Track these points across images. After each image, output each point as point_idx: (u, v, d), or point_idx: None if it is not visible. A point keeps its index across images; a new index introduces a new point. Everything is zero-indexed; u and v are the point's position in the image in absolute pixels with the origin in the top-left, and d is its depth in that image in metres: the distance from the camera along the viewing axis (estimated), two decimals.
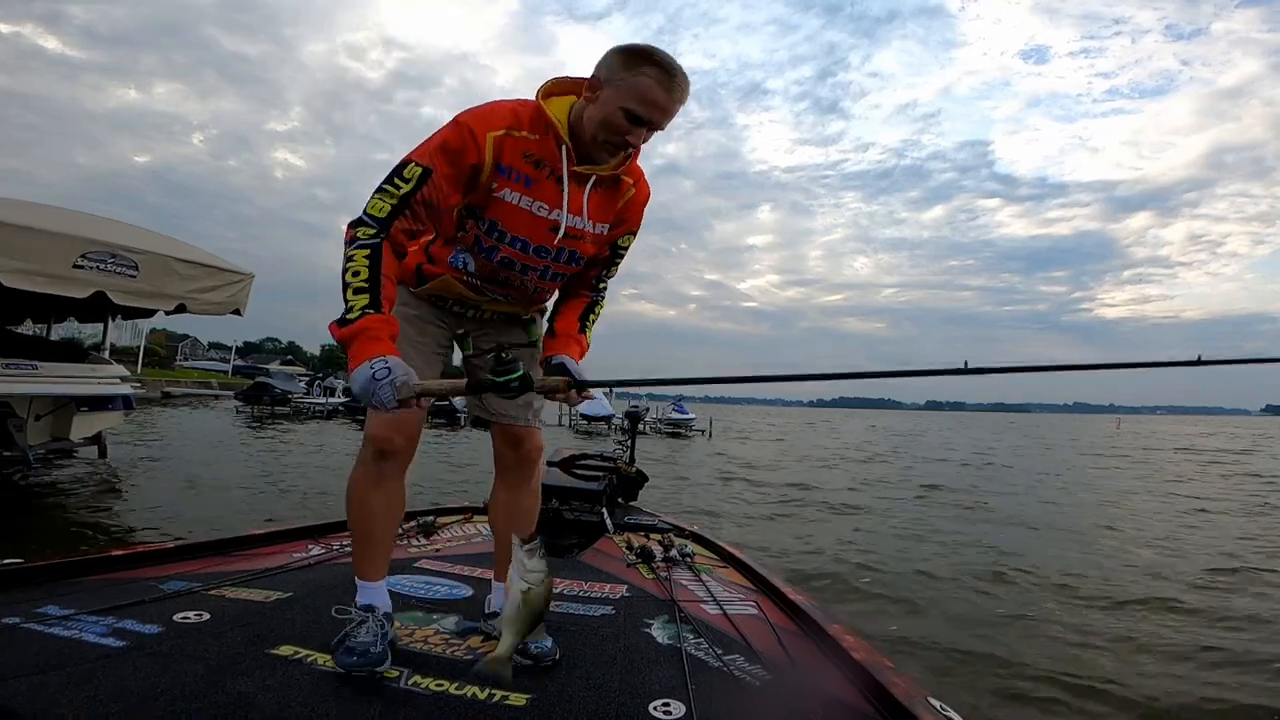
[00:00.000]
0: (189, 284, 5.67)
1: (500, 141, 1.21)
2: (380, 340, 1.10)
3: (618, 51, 1.21)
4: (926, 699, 1.18)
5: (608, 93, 1.20)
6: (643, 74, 1.17)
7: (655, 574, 2.02)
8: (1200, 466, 14.82)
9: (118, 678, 1.10)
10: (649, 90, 1.18)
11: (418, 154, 1.20)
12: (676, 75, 1.19)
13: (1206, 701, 2.64)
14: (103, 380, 6.37)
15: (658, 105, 1.19)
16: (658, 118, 1.21)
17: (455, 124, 1.21)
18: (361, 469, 1.32)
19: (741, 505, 7.32)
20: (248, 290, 6.23)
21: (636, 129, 1.21)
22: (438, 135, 1.22)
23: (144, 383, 28.30)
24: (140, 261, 5.25)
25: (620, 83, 1.18)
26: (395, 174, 1.19)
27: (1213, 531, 6.53)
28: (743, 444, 19.12)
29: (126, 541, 4.41)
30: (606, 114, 1.20)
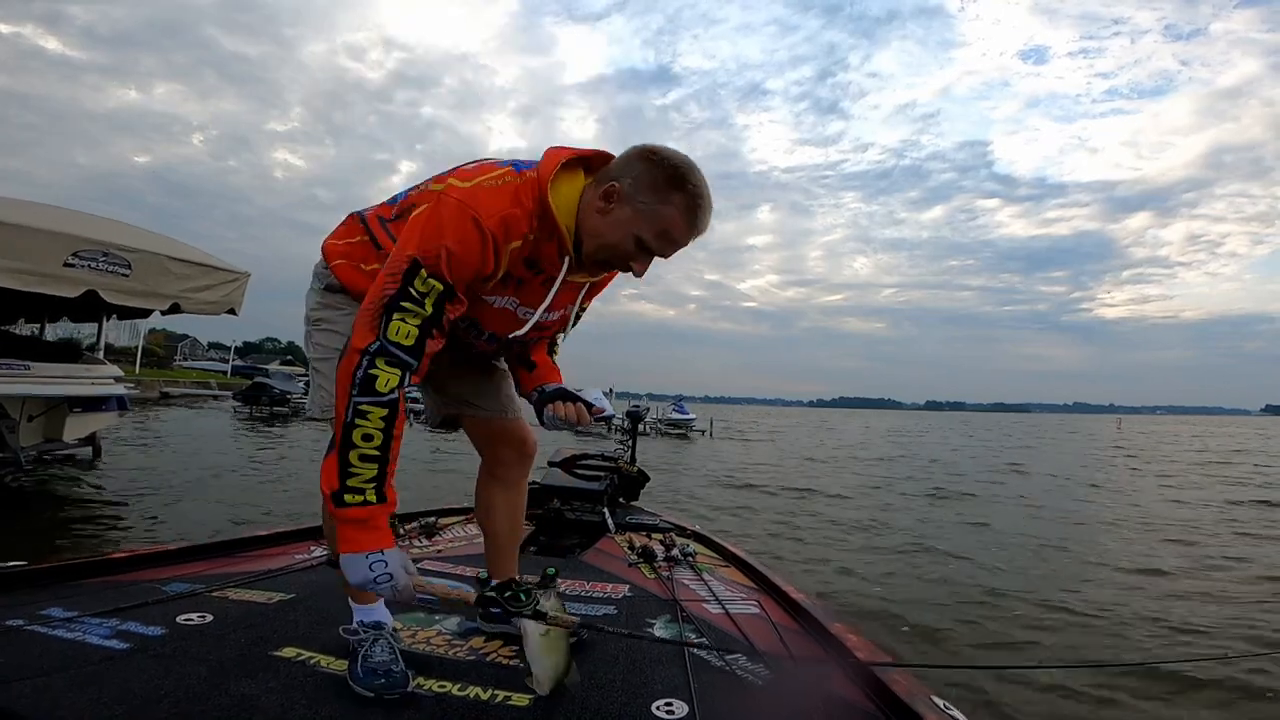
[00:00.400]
0: (183, 283, 5.58)
1: (515, 252, 1.09)
2: (379, 529, 1.02)
3: (649, 162, 1.07)
4: (929, 697, 1.18)
5: (624, 212, 1.07)
6: (670, 204, 1.05)
7: (657, 573, 2.02)
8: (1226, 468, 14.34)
9: (121, 680, 1.10)
10: (671, 224, 1.06)
11: (430, 260, 1.01)
12: (704, 210, 1.07)
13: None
14: (96, 381, 6.29)
15: (675, 241, 1.09)
16: (668, 251, 1.10)
17: (476, 231, 1.03)
18: None
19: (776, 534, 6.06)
20: (243, 289, 6.14)
21: (643, 258, 1.10)
22: (450, 232, 1.02)
23: (142, 383, 28.24)
24: (133, 260, 5.16)
25: (642, 207, 1.06)
26: (407, 283, 1.01)
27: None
28: (747, 447, 18.74)
29: (120, 544, 4.40)
30: (617, 238, 1.08)
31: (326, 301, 1.28)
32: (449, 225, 1.03)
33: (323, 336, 1.28)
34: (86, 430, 6.64)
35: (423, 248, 1.02)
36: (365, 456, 1.00)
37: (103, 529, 4.84)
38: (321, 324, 1.28)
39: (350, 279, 1.24)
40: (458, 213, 1.03)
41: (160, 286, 5.41)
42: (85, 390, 6.19)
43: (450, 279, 1.03)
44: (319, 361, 1.27)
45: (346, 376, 1.01)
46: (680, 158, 1.07)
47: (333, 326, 1.26)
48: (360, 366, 1.00)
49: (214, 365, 51.55)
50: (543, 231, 1.10)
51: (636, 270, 1.12)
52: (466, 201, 1.03)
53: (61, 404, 6.13)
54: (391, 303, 1.02)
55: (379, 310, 1.02)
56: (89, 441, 6.91)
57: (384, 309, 1.02)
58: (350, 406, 1.00)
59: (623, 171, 1.08)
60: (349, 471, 1.00)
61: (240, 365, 46.20)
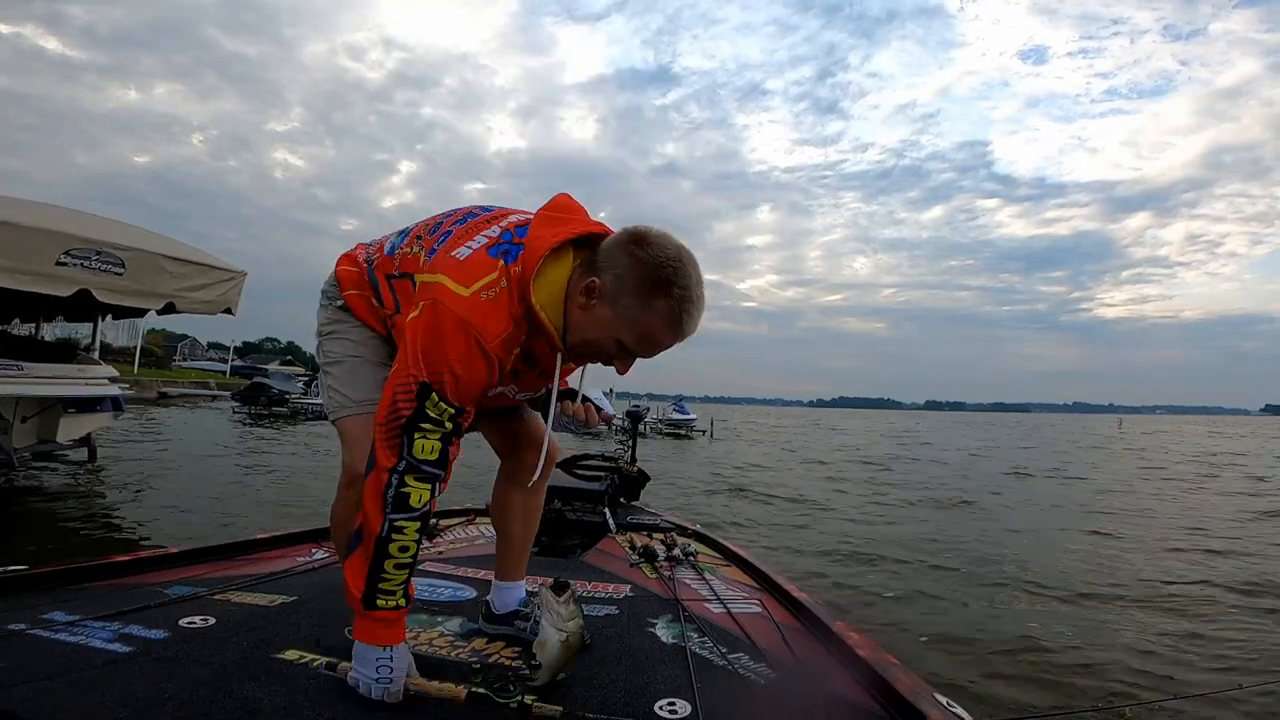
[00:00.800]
0: (178, 282, 5.51)
1: (516, 358, 1.10)
2: (398, 626, 1.08)
3: (633, 260, 1.00)
4: (933, 695, 1.18)
5: (605, 312, 1.03)
6: (653, 310, 1.01)
7: (658, 573, 2.02)
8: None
9: (124, 683, 1.10)
10: (653, 330, 1.02)
11: (438, 385, 1.00)
12: (691, 315, 1.02)
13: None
14: (90, 381, 6.23)
15: (658, 345, 1.05)
16: (650, 353, 1.07)
17: (479, 349, 1.00)
18: (347, 501, 1.23)
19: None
20: (239, 288, 6.07)
21: (625, 359, 1.08)
22: (454, 355, 0.99)
23: (140, 383, 28.16)
24: (127, 259, 5.08)
25: (624, 310, 1.01)
26: (421, 405, 1.00)
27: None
28: (749, 448, 18.44)
29: (114, 547, 4.36)
30: (597, 337, 1.05)
31: (336, 316, 1.31)
32: (452, 347, 0.99)
33: (333, 344, 1.29)
34: (81, 431, 6.58)
35: (431, 372, 1.00)
36: (399, 565, 1.04)
37: (96, 531, 4.80)
38: (334, 334, 1.29)
39: (361, 311, 1.28)
40: (460, 334, 0.99)
41: (155, 285, 5.35)
42: (79, 391, 6.13)
43: (459, 403, 1.03)
44: (330, 366, 1.29)
45: (377, 495, 1.01)
46: (668, 254, 1.00)
47: (345, 334, 1.28)
48: (391, 486, 1.01)
49: (213, 365, 51.49)
50: (532, 331, 1.08)
51: (619, 369, 1.10)
52: (469, 320, 0.99)
53: (55, 405, 6.07)
54: (410, 424, 1.01)
55: (398, 431, 1.01)
56: (84, 442, 6.86)
57: (404, 430, 1.01)
58: (386, 523, 1.01)
59: (607, 264, 1.03)
60: (381, 578, 1.04)
61: (240, 365, 46.15)
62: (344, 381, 1.26)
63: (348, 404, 1.25)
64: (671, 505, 6.70)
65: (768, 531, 6.30)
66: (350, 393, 1.25)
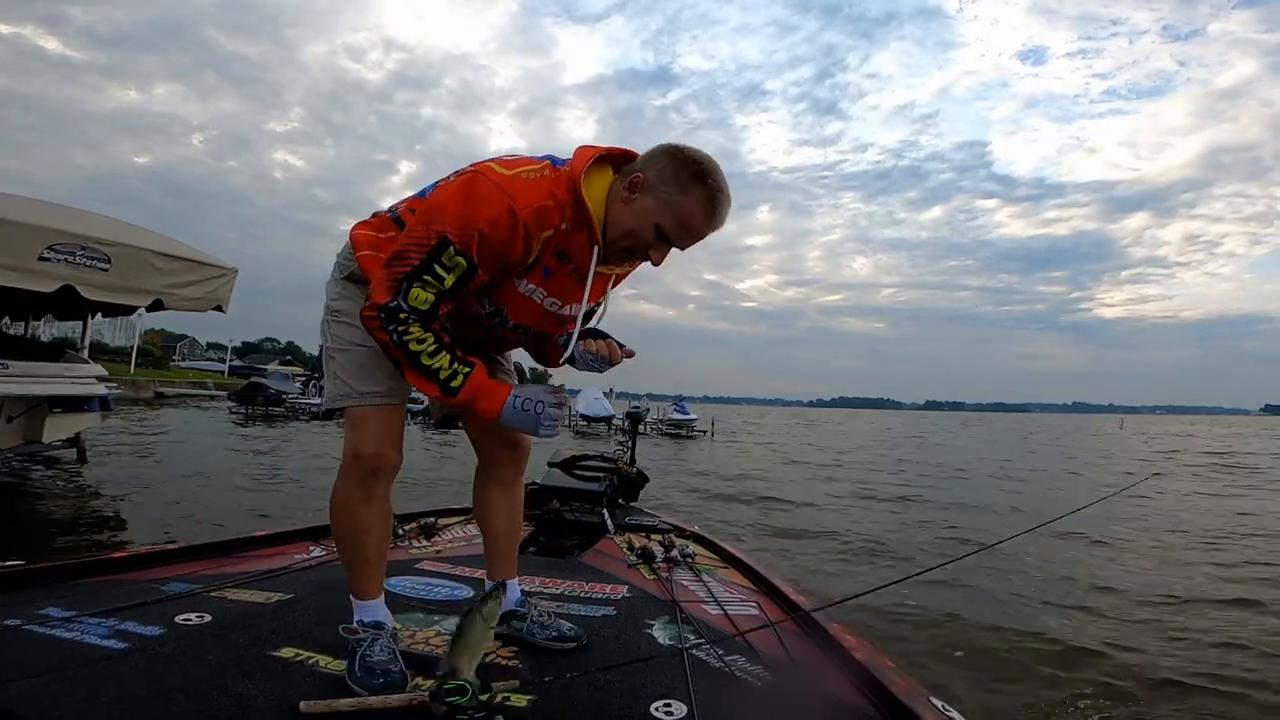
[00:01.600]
0: (166, 278, 5.32)
1: (548, 241, 1.14)
2: (494, 387, 1.13)
3: (672, 158, 1.13)
4: (928, 698, 1.18)
5: (647, 202, 1.12)
6: (690, 196, 1.11)
7: (656, 574, 2.02)
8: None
9: (120, 680, 1.10)
10: (691, 216, 1.12)
11: (458, 235, 1.06)
12: (723, 205, 1.13)
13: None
14: (76, 380, 6.07)
15: (693, 233, 1.15)
16: (686, 242, 1.16)
17: (510, 217, 1.07)
18: (350, 487, 1.23)
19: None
20: (230, 285, 5.88)
21: (661, 246, 1.16)
22: (480, 216, 1.06)
23: (136, 383, 28.05)
24: (112, 254, 4.91)
25: (665, 197, 1.12)
26: (433, 259, 1.07)
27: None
28: (754, 449, 17.78)
29: (101, 548, 4.29)
30: (638, 225, 1.13)
31: (346, 292, 1.27)
32: (484, 206, 1.07)
33: (340, 329, 1.27)
34: (68, 431, 6.42)
35: (456, 226, 1.07)
36: (431, 353, 1.10)
37: (84, 533, 4.67)
38: (340, 316, 1.27)
39: (373, 270, 1.22)
40: (495, 196, 1.07)
41: (141, 282, 5.17)
42: (66, 390, 5.98)
43: (476, 260, 1.09)
44: (336, 352, 1.27)
45: (374, 324, 1.10)
46: (703, 155, 1.13)
47: (351, 321, 1.24)
48: (380, 319, 1.09)
49: (212, 365, 51.46)
50: (575, 222, 1.14)
51: (654, 259, 1.18)
52: (504, 187, 1.08)
53: (41, 404, 5.90)
54: (414, 274, 1.08)
55: (399, 279, 1.08)
56: (73, 443, 6.69)
57: (405, 279, 1.08)
58: (392, 336, 1.08)
59: (648, 165, 1.14)
60: (431, 370, 1.10)
61: (239, 365, 46.16)
62: (348, 370, 1.24)
63: (351, 395, 1.23)
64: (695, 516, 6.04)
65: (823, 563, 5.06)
66: (355, 383, 1.23)
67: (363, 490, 1.23)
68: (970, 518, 7.36)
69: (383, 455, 1.23)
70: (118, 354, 36.83)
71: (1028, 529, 2.13)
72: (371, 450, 1.22)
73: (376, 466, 1.23)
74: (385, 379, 1.23)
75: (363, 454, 1.21)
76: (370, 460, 1.22)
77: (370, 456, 1.22)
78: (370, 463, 1.22)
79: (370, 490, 1.24)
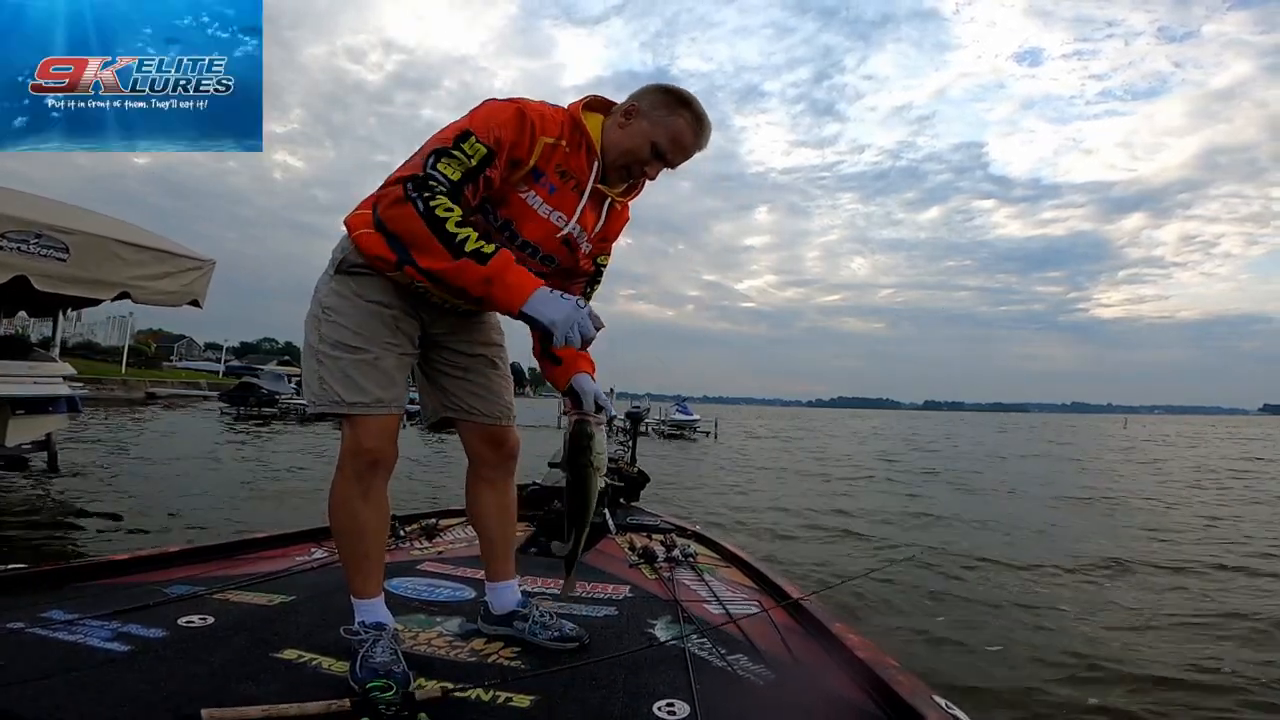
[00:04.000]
0: (133, 270, 4.91)
1: (548, 149, 1.23)
2: (517, 272, 1.11)
3: (661, 90, 1.28)
4: (931, 697, 1.18)
5: (642, 125, 1.26)
6: (680, 116, 1.26)
7: (658, 574, 2.02)
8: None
9: (122, 682, 1.10)
10: (681, 133, 1.26)
11: (479, 128, 1.16)
12: (706, 127, 1.28)
13: None
14: (40, 379, 5.73)
15: (683, 148, 1.28)
16: (678, 159, 1.29)
17: (519, 113, 1.19)
18: (348, 484, 1.24)
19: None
20: (208, 279, 5.48)
21: (656, 163, 1.29)
22: (496, 114, 1.18)
23: (127, 383, 27.84)
24: (72, 243, 4.51)
25: (657, 119, 1.26)
26: (457, 143, 1.14)
27: None
28: (760, 451, 16.96)
29: (70, 557, 4.05)
30: (635, 144, 1.27)
31: (338, 288, 1.26)
32: (499, 110, 1.20)
33: (330, 329, 1.25)
34: (32, 434, 6.06)
35: (474, 123, 1.17)
36: (459, 222, 1.10)
37: (50, 543, 4.44)
38: (330, 314, 1.26)
39: (372, 246, 1.21)
40: (506, 102, 1.21)
41: (104, 273, 4.78)
42: (28, 391, 5.63)
43: (494, 145, 1.16)
44: (323, 355, 1.24)
45: (397, 190, 1.10)
46: (684, 89, 1.28)
47: (342, 320, 1.25)
48: (406, 187, 1.10)
49: (209, 365, 51.35)
50: (574, 144, 1.26)
51: (651, 173, 1.31)
52: (517, 98, 1.23)
53: (3, 405, 5.56)
54: (442, 149, 1.14)
55: (428, 154, 1.14)
56: (43, 446, 6.37)
57: (434, 153, 1.13)
58: (418, 203, 1.08)
59: (639, 98, 1.29)
60: (458, 240, 1.08)
61: (236, 365, 46.01)
62: (335, 377, 1.23)
63: (339, 404, 1.22)
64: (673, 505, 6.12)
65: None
66: (343, 392, 1.22)
67: (360, 485, 1.24)
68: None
69: (380, 450, 1.25)
70: (109, 353, 36.71)
71: None
72: (368, 445, 1.23)
73: (374, 461, 1.25)
74: (373, 388, 1.23)
75: (359, 449, 1.23)
76: (367, 455, 1.24)
77: (367, 451, 1.23)
78: (367, 457, 1.24)
79: (368, 486, 1.25)
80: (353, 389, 1.22)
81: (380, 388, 1.23)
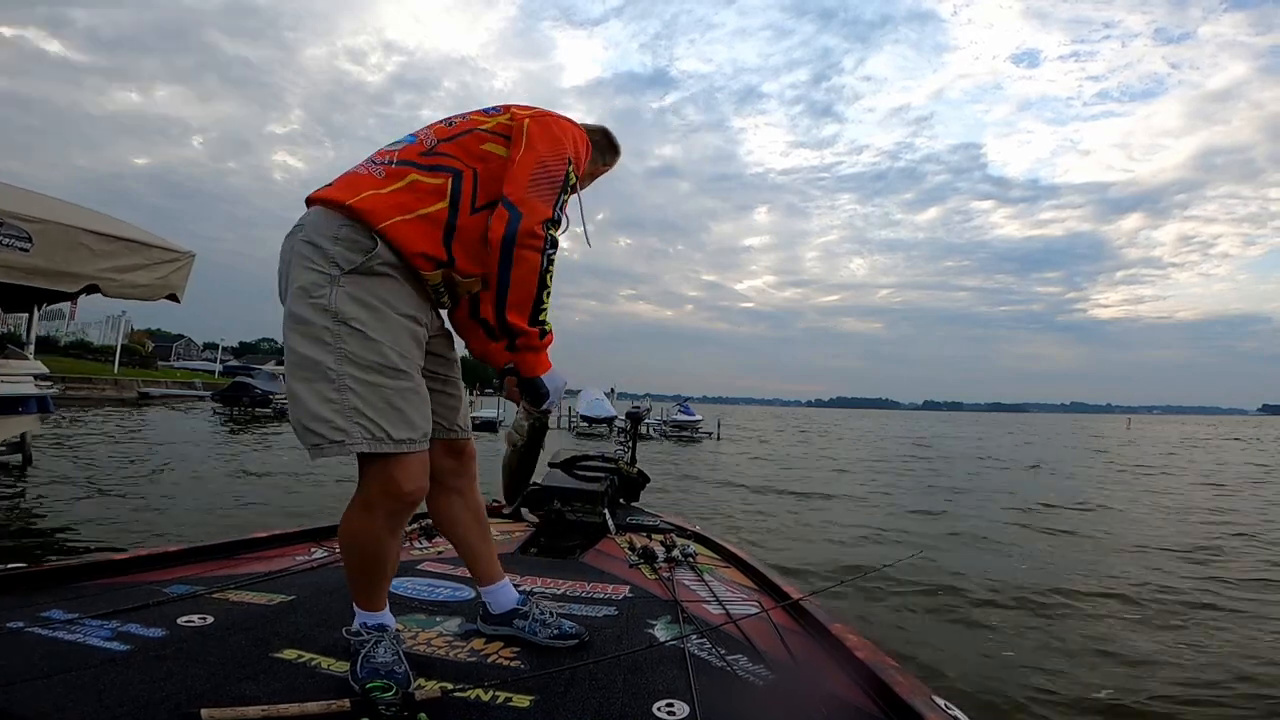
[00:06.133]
0: (102, 261, 4.64)
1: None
2: (545, 353, 1.28)
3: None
4: (931, 697, 1.18)
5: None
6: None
7: (658, 574, 2.02)
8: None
9: (122, 682, 1.10)
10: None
11: (572, 156, 1.28)
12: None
13: None
14: (7, 379, 5.52)
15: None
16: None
17: (586, 142, 1.37)
18: (375, 519, 1.15)
19: None
20: (186, 272, 5.18)
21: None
22: (580, 146, 1.33)
23: (119, 383, 27.65)
24: (34, 232, 4.27)
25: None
26: (568, 176, 1.25)
27: None
28: (765, 453, 16.32)
29: (41, 559, 3.96)
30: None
31: (360, 295, 1.10)
32: (580, 141, 1.34)
33: (361, 347, 1.08)
34: (3, 435, 5.91)
35: (571, 150, 1.28)
36: (549, 291, 1.21)
37: (19, 548, 4.33)
38: (360, 327, 1.08)
39: (406, 236, 1.11)
40: (575, 130, 1.34)
41: (71, 265, 4.51)
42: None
43: (577, 178, 1.31)
44: (352, 379, 1.07)
45: (538, 240, 1.17)
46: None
47: (377, 335, 1.09)
48: (547, 232, 1.19)
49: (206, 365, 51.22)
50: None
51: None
52: (581, 132, 1.37)
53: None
54: (565, 184, 1.24)
55: (556, 188, 1.22)
56: (18, 448, 6.27)
57: (560, 189, 1.23)
58: (544, 258, 1.18)
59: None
60: (542, 305, 1.20)
61: (234, 365, 45.85)
62: (374, 408, 1.06)
63: (385, 440, 1.08)
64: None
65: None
66: (389, 427, 1.07)
67: (391, 523, 1.17)
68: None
69: (422, 490, 1.17)
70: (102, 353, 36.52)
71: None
72: (409, 488, 1.13)
73: (415, 502, 1.18)
74: (420, 421, 1.13)
75: (400, 493, 1.12)
76: (408, 499, 1.15)
77: (409, 495, 1.14)
78: (409, 500, 1.15)
79: (399, 523, 1.19)
80: (401, 424, 1.09)
81: (425, 420, 1.15)
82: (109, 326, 34.79)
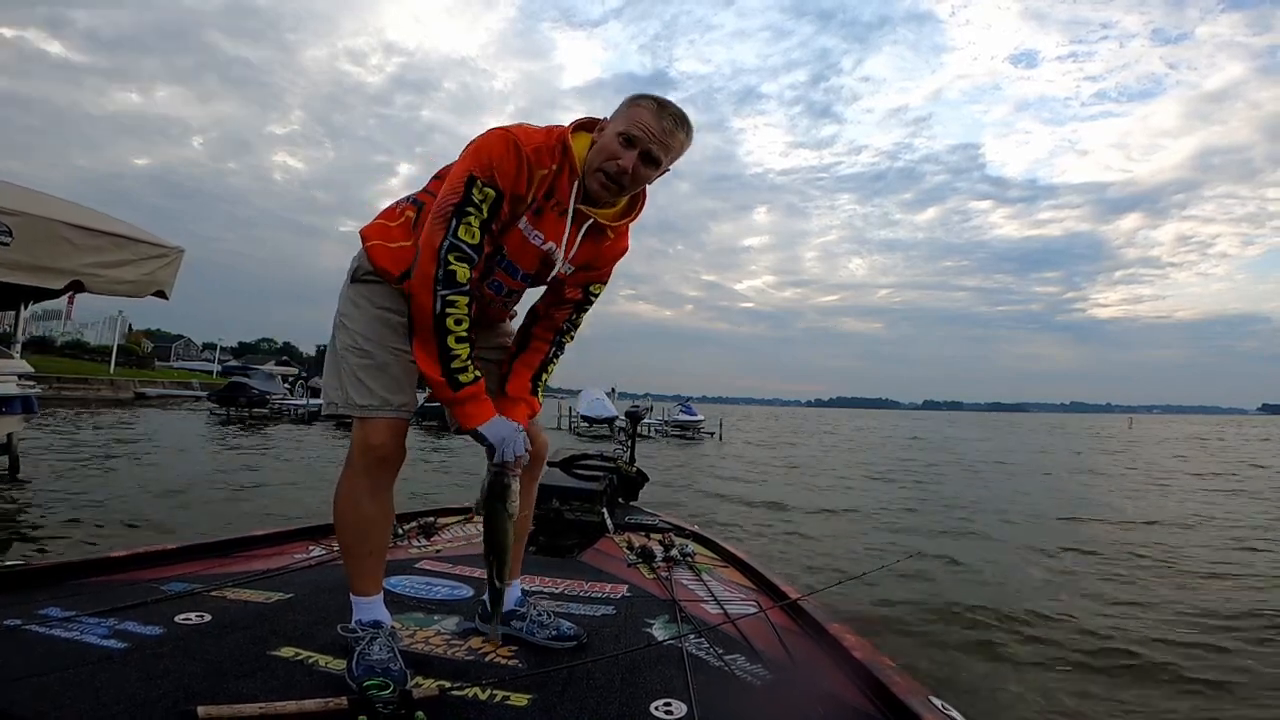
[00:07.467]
0: (86, 256, 4.47)
1: (544, 180, 1.27)
2: (484, 403, 1.24)
3: (628, 98, 1.32)
4: (927, 697, 1.18)
5: (610, 126, 1.29)
6: (639, 104, 1.28)
7: (656, 574, 2.02)
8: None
9: (119, 679, 1.10)
10: (640, 115, 1.26)
11: (480, 171, 1.21)
12: (668, 105, 1.27)
13: None
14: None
15: (648, 128, 1.26)
16: (645, 139, 1.26)
17: (515, 149, 1.23)
18: (355, 479, 1.28)
19: None
20: (175, 268, 5.02)
21: (628, 151, 1.26)
22: (495, 151, 1.22)
23: (115, 383, 27.55)
24: (15, 226, 4.09)
25: (620, 114, 1.29)
26: (467, 193, 1.19)
27: None
28: (772, 456, 15.45)
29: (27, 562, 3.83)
30: (605, 141, 1.28)
31: (353, 296, 1.33)
32: (495, 146, 1.23)
33: (344, 334, 1.32)
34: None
35: (475, 165, 1.22)
36: (459, 339, 1.20)
37: (6, 549, 4.21)
38: (345, 320, 1.32)
39: (380, 258, 1.30)
40: (501, 136, 1.25)
41: (52, 260, 4.33)
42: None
43: (500, 188, 1.22)
44: (337, 357, 1.31)
45: (428, 278, 1.18)
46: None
47: (353, 326, 1.31)
48: (439, 265, 1.18)
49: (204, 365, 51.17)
50: (561, 165, 1.29)
51: (626, 161, 1.26)
52: (509, 130, 1.25)
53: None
54: (457, 209, 1.19)
55: (447, 215, 1.20)
56: (4, 449, 6.09)
57: (451, 213, 1.19)
58: (438, 299, 1.18)
59: (613, 113, 1.33)
60: (451, 354, 1.19)
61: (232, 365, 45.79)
62: (347, 379, 1.29)
63: (349, 405, 1.28)
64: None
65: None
66: (354, 394, 1.28)
67: (369, 480, 1.28)
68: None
69: (386, 448, 1.28)
70: (99, 353, 36.44)
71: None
72: (375, 442, 1.27)
73: (384, 457, 1.28)
74: (380, 390, 1.27)
75: (368, 446, 1.27)
76: (374, 452, 1.27)
77: (374, 449, 1.27)
78: (375, 454, 1.27)
79: (376, 482, 1.28)
80: (362, 392, 1.27)
81: (387, 391, 1.28)
82: (106, 326, 34.78)
